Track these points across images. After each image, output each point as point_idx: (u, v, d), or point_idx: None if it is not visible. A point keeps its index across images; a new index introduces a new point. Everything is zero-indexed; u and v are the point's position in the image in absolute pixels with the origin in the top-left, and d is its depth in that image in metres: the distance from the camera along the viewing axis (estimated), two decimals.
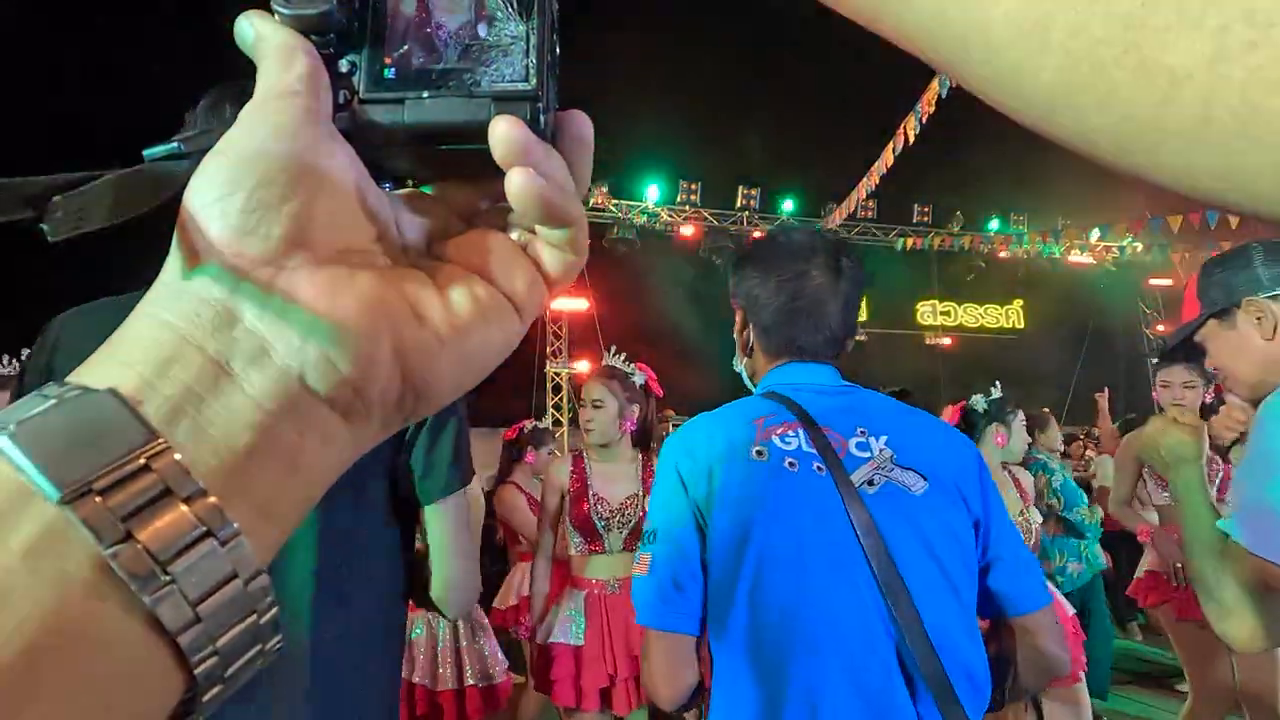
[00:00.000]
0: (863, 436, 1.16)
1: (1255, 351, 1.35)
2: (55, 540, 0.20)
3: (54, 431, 0.21)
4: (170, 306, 0.24)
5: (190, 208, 0.25)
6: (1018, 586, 1.13)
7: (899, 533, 1.07)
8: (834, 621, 1.04)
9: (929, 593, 1.05)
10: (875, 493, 1.10)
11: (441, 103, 0.27)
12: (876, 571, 1.04)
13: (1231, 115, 0.20)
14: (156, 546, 0.21)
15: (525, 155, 0.26)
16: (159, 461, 0.21)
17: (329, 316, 0.25)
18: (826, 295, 1.24)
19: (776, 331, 1.26)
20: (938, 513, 1.11)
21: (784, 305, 1.25)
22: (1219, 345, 1.41)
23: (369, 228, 0.27)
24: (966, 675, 1.04)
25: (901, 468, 1.13)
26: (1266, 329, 1.32)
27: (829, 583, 1.06)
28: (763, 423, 1.17)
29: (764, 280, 1.27)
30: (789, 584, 1.06)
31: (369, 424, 0.27)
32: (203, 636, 0.21)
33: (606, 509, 2.48)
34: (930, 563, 1.07)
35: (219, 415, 0.23)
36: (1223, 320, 1.39)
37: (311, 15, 0.26)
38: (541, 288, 0.30)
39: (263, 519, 0.24)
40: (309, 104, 0.26)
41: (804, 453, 1.13)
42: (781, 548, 1.07)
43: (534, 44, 0.27)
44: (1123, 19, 0.21)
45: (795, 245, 1.28)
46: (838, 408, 1.19)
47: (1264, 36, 0.19)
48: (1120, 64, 0.21)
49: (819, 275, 1.25)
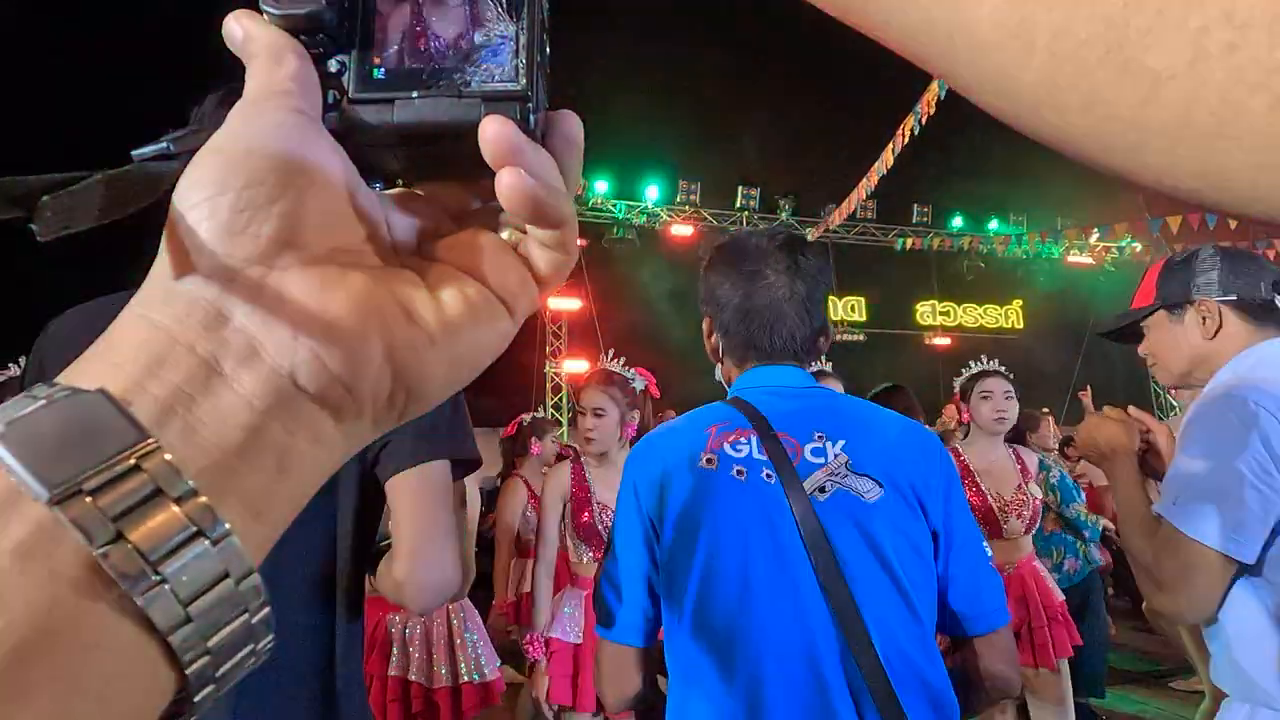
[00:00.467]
0: (819, 442, 1.14)
1: (1192, 348, 1.45)
2: (45, 540, 0.20)
3: (43, 432, 0.21)
4: (160, 307, 0.24)
5: (179, 207, 0.25)
6: (975, 606, 1.11)
7: (849, 541, 1.05)
8: (777, 633, 1.03)
9: (878, 603, 1.03)
10: (826, 500, 1.08)
11: (431, 102, 0.27)
12: (823, 581, 1.03)
13: (1212, 115, 0.20)
14: (147, 546, 0.21)
15: (515, 155, 0.26)
16: (149, 461, 0.21)
17: (320, 315, 0.25)
18: (781, 296, 1.23)
19: (735, 334, 1.26)
20: (892, 521, 1.08)
21: (740, 306, 1.24)
22: (1160, 335, 1.51)
23: (359, 227, 0.27)
24: (921, 687, 1.02)
25: (856, 474, 1.11)
26: (1209, 329, 1.43)
27: (773, 593, 1.04)
28: (715, 430, 1.17)
29: (722, 283, 1.27)
30: (733, 595, 1.05)
31: (360, 423, 0.27)
32: (194, 636, 0.21)
33: (610, 517, 2.41)
34: (881, 572, 1.05)
35: (209, 415, 0.23)
36: (1172, 314, 1.48)
37: (300, 15, 0.26)
38: (532, 287, 0.30)
39: (254, 518, 0.24)
40: (298, 104, 0.26)
41: (754, 460, 1.12)
42: (726, 558, 1.07)
43: (523, 44, 0.27)
44: (1105, 20, 0.21)
45: (750, 246, 1.27)
46: (798, 411, 1.17)
47: (1243, 38, 0.19)
48: (1103, 65, 0.21)
49: (773, 275, 1.23)
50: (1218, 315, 1.42)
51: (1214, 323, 1.43)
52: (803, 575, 1.04)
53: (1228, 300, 1.42)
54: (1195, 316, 1.45)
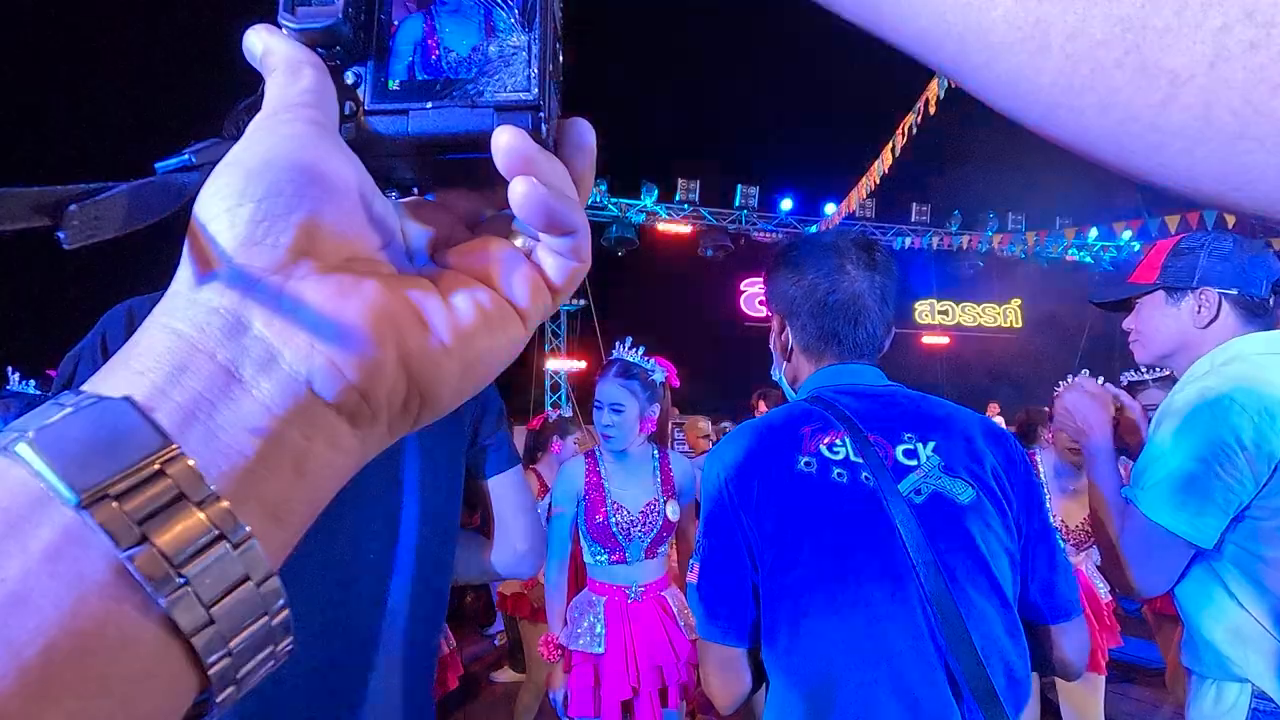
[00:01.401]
0: (910, 443, 1.13)
1: (1181, 333, 1.48)
2: (73, 544, 0.20)
3: (71, 438, 0.21)
4: (181, 315, 0.25)
5: (201, 218, 0.25)
6: (1052, 598, 1.14)
7: (947, 544, 1.05)
8: (883, 637, 1.02)
9: (976, 605, 1.04)
10: (922, 503, 1.08)
11: (445, 113, 0.28)
12: (926, 585, 1.03)
13: (1234, 116, 0.20)
14: (171, 550, 0.21)
15: (528, 164, 0.27)
16: (173, 467, 0.22)
17: (336, 323, 0.25)
18: (864, 289, 1.23)
19: (816, 330, 1.24)
20: (984, 521, 1.09)
21: (821, 302, 1.23)
22: (1153, 313, 1.53)
23: (375, 236, 0.28)
24: (1008, 678, 1.04)
25: (949, 476, 1.11)
26: (1203, 318, 1.45)
27: (878, 598, 1.03)
28: (809, 431, 1.14)
29: (799, 280, 1.26)
30: (837, 599, 1.04)
31: (376, 428, 0.27)
32: (216, 638, 0.22)
33: (626, 518, 2.31)
34: (978, 574, 1.06)
35: (230, 421, 0.24)
36: (1170, 295, 1.49)
37: (317, 29, 0.27)
38: (545, 294, 0.30)
39: (273, 522, 0.24)
40: (315, 116, 0.26)
41: (852, 463, 1.11)
42: (830, 562, 1.06)
43: (535, 54, 0.28)
44: (1122, 21, 0.21)
45: (827, 243, 1.27)
46: (883, 411, 1.17)
47: (1265, 36, 0.19)
48: (1121, 66, 0.21)
49: (854, 270, 1.23)
50: (1215, 306, 1.44)
51: (1209, 313, 1.44)
52: (906, 579, 1.04)
53: (1228, 293, 1.43)
54: (1193, 303, 1.46)
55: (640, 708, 2.22)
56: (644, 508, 2.33)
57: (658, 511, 2.34)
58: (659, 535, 2.34)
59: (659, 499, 2.35)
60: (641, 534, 2.31)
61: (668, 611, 2.32)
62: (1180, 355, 1.49)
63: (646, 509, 2.33)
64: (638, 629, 2.25)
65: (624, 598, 2.30)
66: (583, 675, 2.24)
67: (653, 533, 2.33)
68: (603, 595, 2.31)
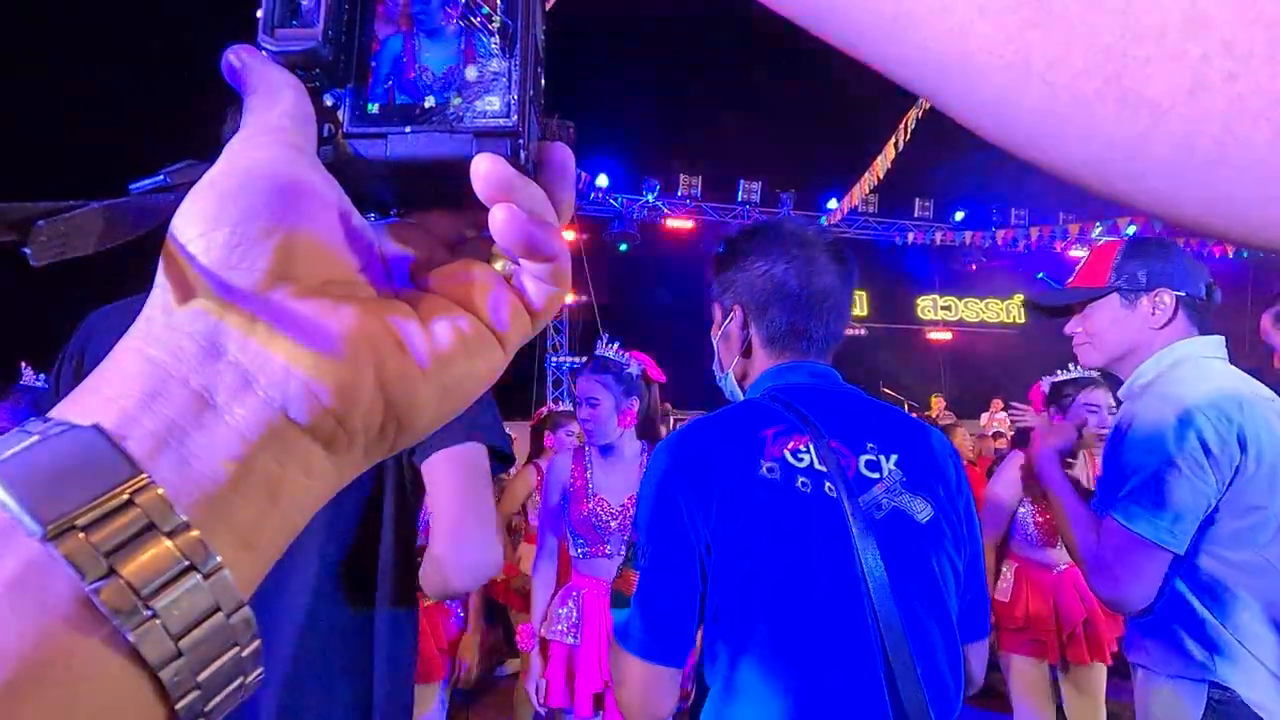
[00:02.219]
0: (872, 454, 1.08)
1: (1136, 334, 1.48)
2: (38, 576, 0.20)
3: (38, 468, 0.21)
4: (155, 340, 0.24)
5: (176, 241, 0.25)
6: (974, 616, 1.14)
7: (903, 565, 1.02)
8: (826, 654, 0.99)
9: (922, 629, 1.01)
10: (882, 519, 1.04)
11: (424, 138, 0.28)
12: (878, 608, 0.99)
13: (1215, 145, 0.20)
14: (139, 581, 0.21)
15: (507, 191, 0.27)
16: (142, 496, 0.22)
17: (312, 348, 0.25)
18: (837, 284, 1.18)
19: (785, 325, 1.16)
20: (939, 542, 1.06)
21: (794, 294, 1.16)
22: (1106, 315, 1.53)
23: (353, 259, 0.28)
24: (947, 705, 1.03)
25: (910, 493, 1.07)
26: (1159, 319, 1.46)
27: (827, 614, 1.00)
28: (772, 434, 1.07)
29: (770, 265, 1.17)
30: (790, 617, 1.00)
31: (352, 454, 0.27)
32: (185, 671, 0.21)
33: (607, 511, 2.35)
34: (928, 597, 1.03)
35: (202, 447, 0.23)
36: (1125, 298, 1.50)
37: (297, 52, 0.27)
38: (525, 319, 0.30)
39: (245, 550, 0.24)
40: (293, 139, 0.26)
41: (815, 471, 1.04)
42: (788, 574, 1.00)
43: (515, 80, 0.28)
44: (1103, 51, 0.21)
45: (792, 232, 1.20)
46: (845, 416, 1.11)
47: (1243, 67, 0.19)
48: (1102, 95, 0.21)
49: (827, 262, 1.18)
50: (1171, 308, 1.45)
51: (1164, 314, 1.45)
52: (860, 599, 1.00)
53: (1180, 294, 1.46)
54: (1148, 305, 1.47)
55: (611, 701, 2.25)
56: (625, 501, 2.36)
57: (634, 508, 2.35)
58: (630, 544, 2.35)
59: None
60: (620, 527, 2.34)
61: None
62: (1132, 357, 1.51)
63: (628, 503, 2.36)
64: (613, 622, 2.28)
65: (604, 591, 2.34)
66: (558, 665, 2.30)
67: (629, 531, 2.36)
68: (583, 587, 2.37)
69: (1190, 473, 1.29)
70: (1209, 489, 1.30)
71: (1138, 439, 1.36)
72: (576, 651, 2.29)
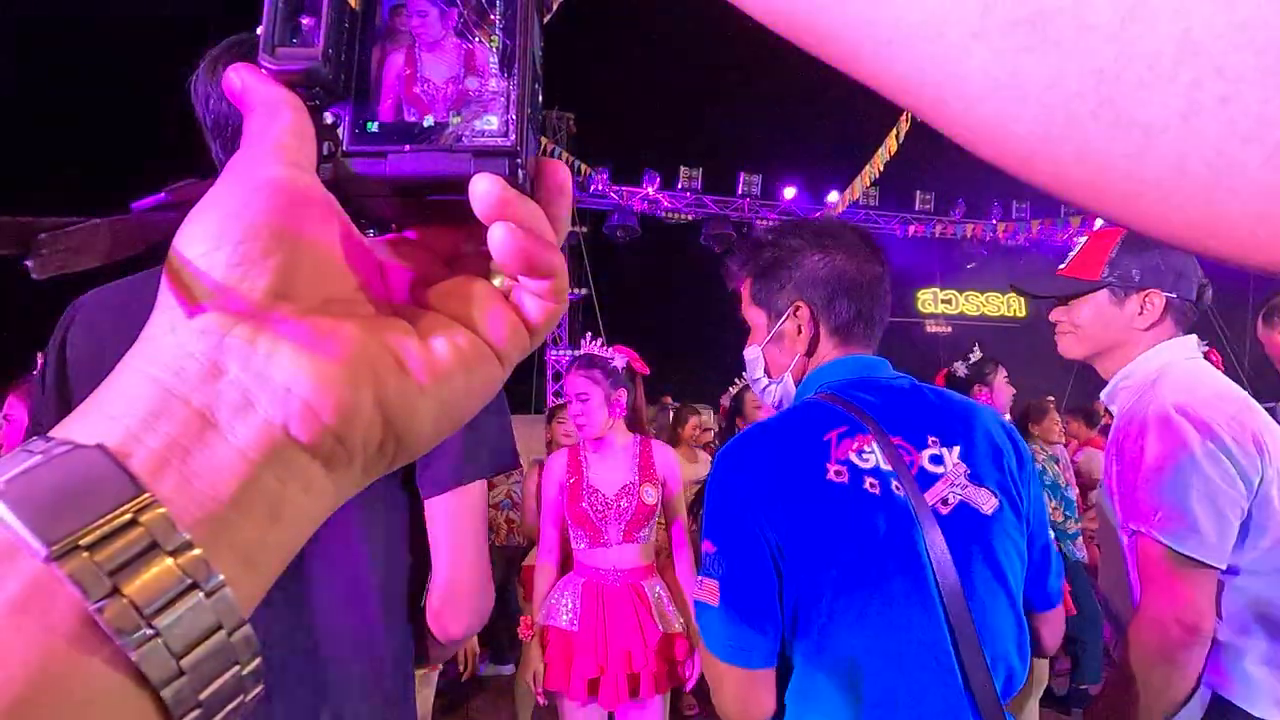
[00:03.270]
0: (935, 448, 1.09)
1: (1121, 331, 1.48)
2: (42, 595, 0.20)
3: (42, 487, 0.21)
4: (157, 360, 0.25)
5: (177, 262, 0.25)
6: (1040, 590, 1.15)
7: (970, 558, 1.03)
8: (903, 658, 0.99)
9: (992, 619, 1.02)
10: (949, 514, 1.04)
11: (423, 156, 0.28)
12: (945, 601, 1.00)
13: (1207, 168, 0.20)
14: (142, 600, 0.21)
15: (505, 210, 0.27)
16: (145, 515, 0.22)
17: (312, 367, 0.25)
18: (883, 270, 1.20)
19: (852, 312, 1.17)
20: (1005, 531, 1.07)
21: (858, 278, 1.17)
22: (1095, 309, 1.51)
23: (352, 277, 0.28)
24: (1008, 680, 1.05)
25: (974, 485, 1.07)
26: (1146, 319, 1.45)
27: (902, 617, 1.00)
28: (836, 437, 1.07)
29: (827, 256, 1.18)
30: (865, 617, 1.00)
31: (351, 471, 0.27)
32: (186, 689, 0.22)
33: (601, 500, 2.43)
34: (997, 587, 1.04)
35: (204, 466, 0.24)
36: (1115, 294, 1.49)
37: (297, 71, 0.27)
38: (523, 335, 0.30)
39: (246, 568, 0.24)
40: (293, 157, 0.26)
41: (882, 471, 1.05)
42: (861, 576, 1.01)
43: (514, 99, 0.28)
44: (1096, 73, 0.21)
45: (834, 224, 1.24)
46: (905, 410, 1.11)
47: (1235, 91, 0.19)
48: (1096, 117, 0.21)
49: (871, 250, 1.21)
50: (1159, 309, 1.44)
51: (1152, 315, 1.45)
52: (929, 597, 1.01)
53: (1170, 296, 1.45)
54: (1138, 302, 1.46)
55: (605, 686, 2.32)
56: (619, 491, 2.44)
57: (633, 495, 2.43)
58: (635, 519, 2.43)
59: (635, 482, 2.45)
60: (616, 516, 2.42)
61: (643, 600, 2.42)
62: (1113, 355, 1.50)
63: (622, 492, 2.44)
64: (610, 611, 2.38)
65: (604, 579, 2.43)
66: (556, 651, 2.38)
67: (628, 515, 2.42)
68: (585, 576, 2.46)
69: (1226, 485, 1.25)
70: (1241, 498, 1.26)
71: (1163, 456, 1.29)
72: (575, 638, 2.36)
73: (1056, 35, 0.21)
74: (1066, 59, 0.21)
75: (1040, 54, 0.21)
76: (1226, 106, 0.19)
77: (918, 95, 0.26)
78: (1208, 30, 0.19)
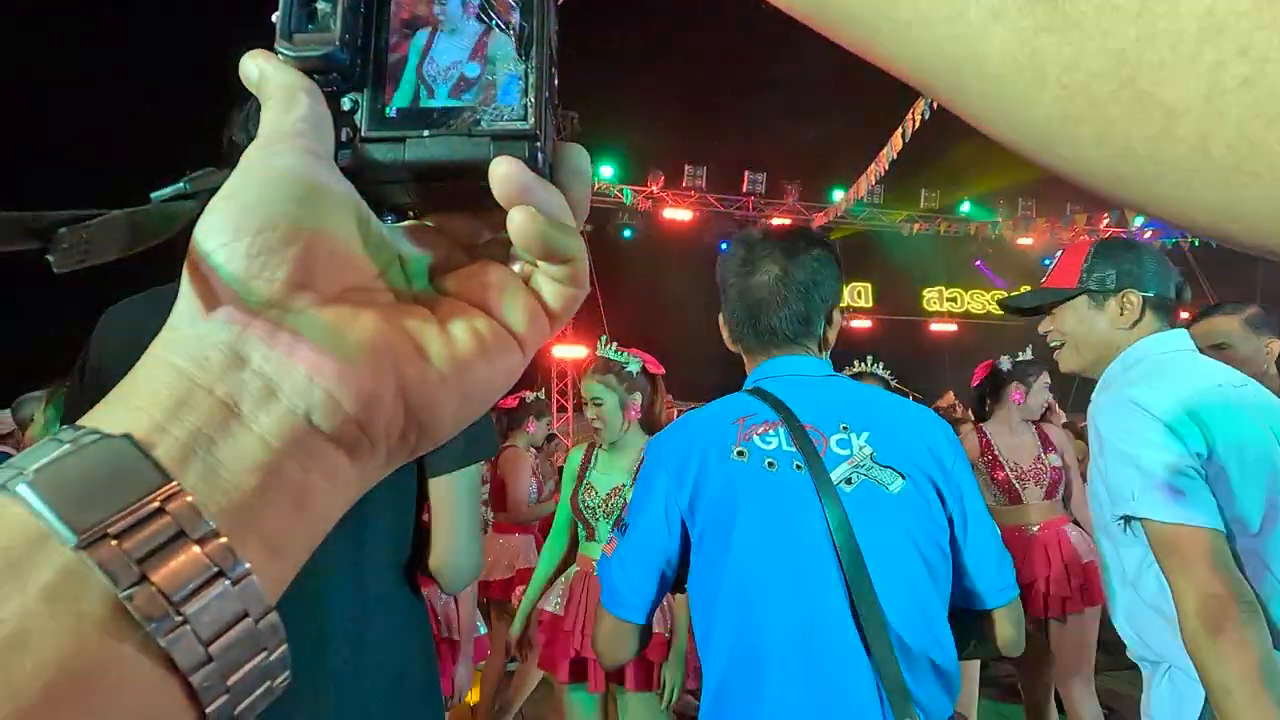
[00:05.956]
0: (844, 433, 1.19)
1: (1105, 335, 1.51)
2: (72, 583, 0.21)
3: (70, 477, 0.22)
4: (180, 350, 0.25)
5: (198, 252, 0.26)
6: (992, 582, 1.19)
7: (872, 532, 1.11)
8: (798, 615, 1.10)
9: (894, 591, 1.09)
10: (852, 491, 1.14)
11: (442, 141, 0.28)
12: (846, 570, 1.09)
13: (1229, 150, 0.20)
14: (170, 588, 0.21)
15: (525, 194, 0.27)
16: (172, 504, 0.22)
17: (333, 357, 0.25)
18: (773, 278, 1.28)
19: (737, 317, 1.33)
20: (913, 512, 1.14)
21: (740, 289, 1.31)
22: (1077, 316, 1.55)
23: (371, 265, 0.28)
24: (929, 669, 1.09)
25: (880, 466, 1.16)
26: (1126, 319, 1.49)
27: (796, 578, 1.11)
28: (744, 422, 1.21)
29: (726, 275, 1.35)
30: (764, 583, 1.12)
31: (374, 459, 0.27)
32: (214, 675, 0.22)
33: (594, 499, 2.49)
34: (900, 562, 1.11)
35: (229, 455, 0.24)
36: (1094, 299, 1.52)
37: (314, 57, 0.27)
38: (543, 321, 0.30)
39: (271, 556, 0.24)
40: (311, 145, 0.26)
41: (783, 452, 1.17)
42: (757, 546, 1.13)
43: (532, 83, 0.28)
44: (1117, 54, 0.21)
45: (753, 239, 1.35)
46: (822, 401, 1.22)
47: (1259, 72, 0.19)
48: (1116, 98, 0.21)
49: (767, 261, 1.29)
50: (1138, 308, 1.48)
51: (1132, 314, 1.48)
52: (827, 563, 1.10)
53: (1147, 295, 1.49)
54: (1117, 304, 1.50)
55: (593, 670, 2.39)
56: (610, 491, 2.48)
57: (621, 496, 2.45)
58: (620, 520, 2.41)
59: (627, 485, 2.44)
60: (606, 515, 2.47)
61: None
62: (1105, 358, 1.52)
63: (612, 493, 2.47)
64: (593, 600, 2.41)
65: (591, 571, 2.47)
66: (546, 633, 2.49)
67: (615, 514, 2.44)
68: (579, 566, 2.55)
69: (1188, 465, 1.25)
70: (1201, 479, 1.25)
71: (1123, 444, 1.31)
72: (561, 622, 2.44)
73: (1077, 16, 0.21)
74: (1087, 39, 0.21)
75: (1060, 34, 0.21)
76: (1250, 88, 0.19)
77: (935, 78, 0.25)
78: (1231, 9, 0.19)
